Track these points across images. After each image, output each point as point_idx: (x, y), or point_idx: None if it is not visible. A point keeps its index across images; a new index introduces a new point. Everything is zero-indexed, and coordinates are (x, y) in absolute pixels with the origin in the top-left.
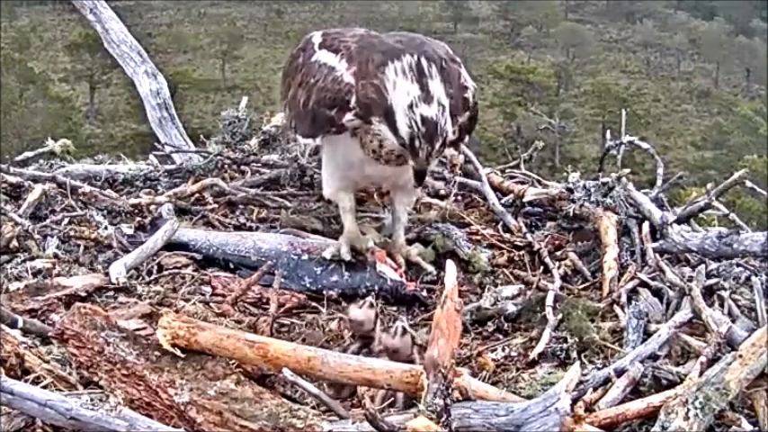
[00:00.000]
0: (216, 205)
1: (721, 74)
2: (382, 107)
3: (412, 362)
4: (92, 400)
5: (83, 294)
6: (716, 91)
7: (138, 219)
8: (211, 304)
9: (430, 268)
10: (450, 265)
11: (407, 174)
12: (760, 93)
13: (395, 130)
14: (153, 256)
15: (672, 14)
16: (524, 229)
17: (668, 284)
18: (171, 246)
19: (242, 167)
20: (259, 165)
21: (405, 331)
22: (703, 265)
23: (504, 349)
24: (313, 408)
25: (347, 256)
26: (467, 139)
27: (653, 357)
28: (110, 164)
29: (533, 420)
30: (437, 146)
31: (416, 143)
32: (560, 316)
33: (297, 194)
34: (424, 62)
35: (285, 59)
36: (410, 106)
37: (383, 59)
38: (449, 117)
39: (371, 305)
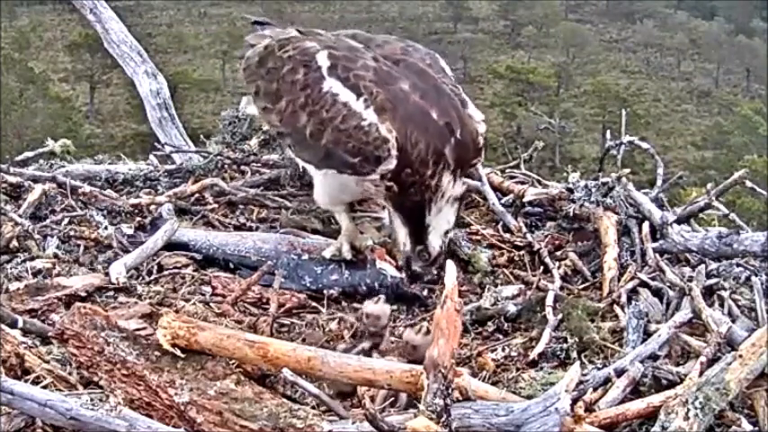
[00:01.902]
0: (216, 205)
1: (721, 74)
2: (419, 223)
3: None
4: (92, 400)
5: (83, 294)
6: (716, 91)
7: (138, 219)
8: (211, 304)
9: None
10: (450, 265)
11: None
12: (760, 93)
13: (420, 241)
14: (153, 257)
15: (672, 14)
16: (524, 229)
17: (668, 284)
18: (171, 246)
19: (242, 167)
20: (259, 165)
21: (428, 331)
22: (703, 265)
23: (504, 349)
24: (313, 408)
25: (348, 255)
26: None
27: (653, 357)
28: (110, 164)
29: (533, 420)
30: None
31: (439, 259)
32: (560, 316)
33: (297, 194)
34: (460, 184)
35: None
36: (446, 232)
37: (425, 147)
38: None
39: (387, 300)
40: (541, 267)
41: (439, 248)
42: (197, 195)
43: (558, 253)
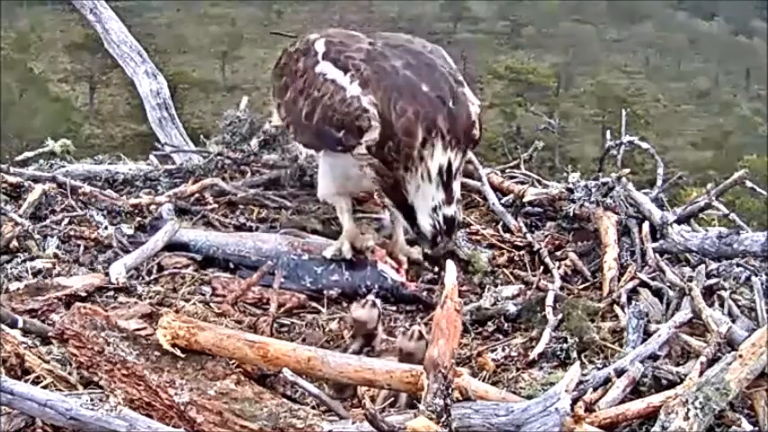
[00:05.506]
0: (216, 205)
1: (721, 74)
2: (404, 205)
3: None
4: (92, 400)
5: (83, 294)
6: (716, 91)
7: (138, 219)
8: (211, 304)
9: None
10: (450, 265)
11: None
12: (760, 93)
13: (413, 223)
14: (153, 257)
15: (672, 14)
16: (524, 229)
17: (668, 284)
18: (171, 246)
19: (242, 167)
20: (259, 165)
21: (421, 336)
22: (703, 265)
23: (504, 349)
24: (313, 408)
25: (349, 255)
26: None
27: (653, 357)
28: (110, 164)
29: (533, 420)
30: (454, 236)
31: (438, 239)
32: (560, 316)
33: (297, 195)
34: (452, 156)
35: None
36: (434, 209)
37: (413, 116)
38: (461, 206)
39: (374, 304)
40: (541, 267)
41: (431, 228)
42: (197, 195)
43: (558, 253)
